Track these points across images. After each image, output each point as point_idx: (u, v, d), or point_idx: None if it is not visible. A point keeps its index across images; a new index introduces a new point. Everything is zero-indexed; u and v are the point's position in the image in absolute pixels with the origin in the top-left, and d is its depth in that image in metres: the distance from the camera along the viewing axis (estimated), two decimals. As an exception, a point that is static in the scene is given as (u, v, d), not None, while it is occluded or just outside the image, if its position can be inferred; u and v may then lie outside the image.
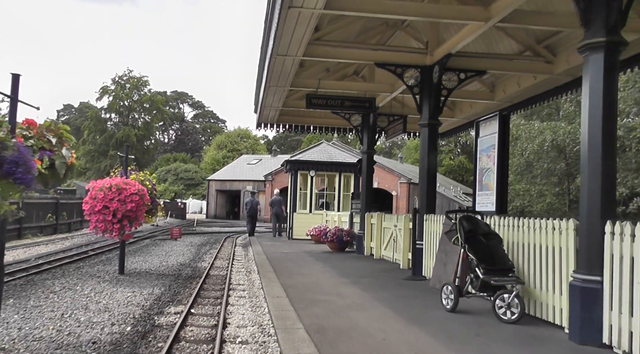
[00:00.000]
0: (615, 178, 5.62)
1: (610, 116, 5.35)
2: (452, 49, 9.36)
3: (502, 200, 8.31)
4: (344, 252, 15.29)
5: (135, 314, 6.61)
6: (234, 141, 76.58)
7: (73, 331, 5.67)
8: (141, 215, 9.52)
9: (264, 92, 13.07)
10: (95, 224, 9.17)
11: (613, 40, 5.22)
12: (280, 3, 7.46)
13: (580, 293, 5.29)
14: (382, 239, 13.57)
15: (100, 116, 76.59)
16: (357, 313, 6.45)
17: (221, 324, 6.01)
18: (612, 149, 5.43)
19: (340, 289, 8.18)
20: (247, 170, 52.51)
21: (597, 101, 5.30)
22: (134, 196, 9.21)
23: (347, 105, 13.18)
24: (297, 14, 7.86)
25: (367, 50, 10.57)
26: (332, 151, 23.81)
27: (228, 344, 5.35)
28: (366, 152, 15.05)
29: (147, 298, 7.79)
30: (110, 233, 9.29)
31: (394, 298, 7.56)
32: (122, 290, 8.32)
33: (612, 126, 5.44)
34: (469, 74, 10.10)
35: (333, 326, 5.68)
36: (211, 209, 51.03)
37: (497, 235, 6.86)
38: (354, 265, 11.82)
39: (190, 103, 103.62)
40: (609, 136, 5.33)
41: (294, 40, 9.13)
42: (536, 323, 6.07)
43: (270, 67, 10.75)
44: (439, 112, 10.08)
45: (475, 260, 6.46)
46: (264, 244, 17.37)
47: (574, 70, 9.63)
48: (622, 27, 5.31)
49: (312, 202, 21.30)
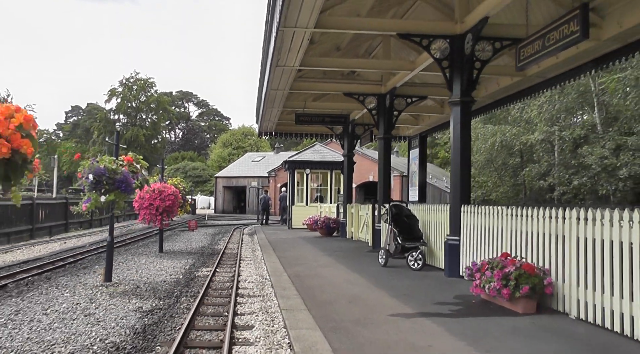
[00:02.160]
0: (468, 180, 9.27)
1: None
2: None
3: (422, 193, 11.89)
4: (331, 236, 18.93)
5: (182, 272, 10.35)
6: (239, 138, 79.77)
7: (149, 278, 9.40)
8: (176, 210, 13.26)
9: (263, 111, 16.74)
10: (144, 216, 12.89)
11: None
12: (270, 63, 11.11)
13: (449, 247, 8.95)
14: (358, 224, 17.25)
15: (109, 118, 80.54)
16: (323, 269, 10.11)
17: (237, 274, 9.71)
18: (467, 163, 9.07)
19: (317, 258, 11.86)
20: (252, 167, 56.14)
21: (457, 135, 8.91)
22: (170, 196, 12.92)
23: (327, 120, 16.89)
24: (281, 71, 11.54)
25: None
26: (324, 152, 27.45)
27: (242, 283, 9.05)
28: (347, 155, 18.72)
29: (185, 264, 11.52)
30: (154, 223, 13.03)
31: (351, 262, 11.22)
32: (166, 261, 12.06)
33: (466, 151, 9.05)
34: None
35: (305, 274, 9.34)
36: (219, 204, 54.84)
37: (414, 216, 10.53)
38: (334, 245, 15.48)
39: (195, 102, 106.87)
40: (464, 158, 8.95)
41: (282, 82, 12.79)
42: (430, 269, 9.75)
43: (266, 96, 14.40)
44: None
45: (397, 232, 10.12)
46: (267, 232, 21.07)
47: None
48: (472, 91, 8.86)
49: (308, 196, 24.99)
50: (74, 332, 5.45)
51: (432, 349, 4.66)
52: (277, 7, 8.21)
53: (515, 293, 6.03)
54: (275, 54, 10.39)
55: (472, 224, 8.54)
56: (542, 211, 6.53)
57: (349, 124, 18.03)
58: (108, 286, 8.31)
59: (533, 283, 6.00)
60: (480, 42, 8.78)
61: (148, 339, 5.31)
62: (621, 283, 5.15)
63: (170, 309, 6.78)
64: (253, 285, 8.87)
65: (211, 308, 6.95)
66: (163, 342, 5.23)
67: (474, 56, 8.82)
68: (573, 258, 5.90)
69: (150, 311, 6.62)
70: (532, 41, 7.45)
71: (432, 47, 9.14)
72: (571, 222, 5.95)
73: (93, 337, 5.26)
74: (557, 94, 17.23)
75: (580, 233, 5.79)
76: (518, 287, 6.00)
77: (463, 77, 8.91)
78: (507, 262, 6.37)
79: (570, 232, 5.95)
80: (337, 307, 6.35)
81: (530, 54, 7.45)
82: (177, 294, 7.92)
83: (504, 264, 6.32)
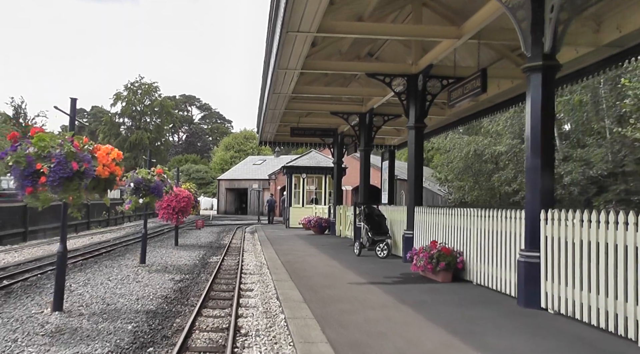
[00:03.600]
0: (421, 187, 11.90)
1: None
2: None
3: (391, 196, 14.50)
4: (323, 234, 21.54)
5: (197, 259, 12.99)
6: (240, 142, 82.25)
7: (173, 262, 12.04)
8: (189, 210, 15.89)
9: (263, 125, 19.39)
10: (163, 215, 15.52)
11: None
12: (267, 91, 13.75)
13: (406, 239, 11.57)
14: (345, 223, 19.86)
15: (114, 121, 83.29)
16: (309, 257, 12.72)
17: (241, 261, 12.34)
18: (420, 174, 11.70)
19: (306, 250, 14.47)
20: (253, 170, 58.74)
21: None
22: (184, 199, 15.56)
23: (318, 133, 19.56)
24: (277, 97, 14.19)
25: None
26: (319, 158, 30.04)
27: (245, 266, 11.67)
28: (336, 163, 21.37)
29: (198, 254, 14.16)
30: (171, 220, 15.66)
31: (333, 252, 13.82)
32: (183, 252, 14.69)
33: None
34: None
35: (294, 261, 11.94)
36: (221, 205, 57.47)
37: (383, 215, 13.15)
38: (323, 240, 18.09)
39: (198, 106, 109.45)
40: (418, 171, 11.58)
41: (278, 104, 15.44)
42: (394, 257, 12.36)
43: (266, 114, 17.05)
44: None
45: (368, 228, 12.74)
46: (267, 231, 23.70)
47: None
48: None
49: (304, 198, 27.61)
50: (134, 290, 8.10)
51: (368, 300, 7.26)
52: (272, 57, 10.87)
53: (436, 268, 8.65)
54: (271, 86, 13.07)
55: (421, 220, 11.16)
56: (458, 210, 9.17)
57: (337, 136, 20.68)
58: (144, 267, 10.96)
59: (448, 261, 8.63)
60: (431, 80, 11.37)
61: (184, 294, 7.95)
62: (497, 257, 7.77)
63: (195, 280, 9.43)
64: (253, 267, 11.51)
65: (223, 280, 9.59)
66: (194, 296, 7.87)
67: (425, 91, 11.43)
68: (474, 243, 8.53)
69: (180, 280, 9.28)
70: (457, 88, 10.10)
71: (393, 83, 11.81)
72: (472, 218, 8.57)
73: (148, 292, 7.91)
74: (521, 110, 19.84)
75: (478, 226, 8.42)
76: (438, 263, 8.63)
77: (417, 107, 11.48)
78: (433, 247, 9.00)
79: (472, 225, 8.58)
80: (313, 279, 8.97)
81: (455, 97, 10.11)
82: (197, 272, 10.57)
83: (431, 248, 8.95)
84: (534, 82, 6.72)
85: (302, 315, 6.11)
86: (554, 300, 6.36)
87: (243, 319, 6.45)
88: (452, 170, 27.19)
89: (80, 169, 5.69)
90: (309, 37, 9.37)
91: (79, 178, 5.71)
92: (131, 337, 5.53)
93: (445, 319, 5.96)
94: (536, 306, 6.55)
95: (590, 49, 9.96)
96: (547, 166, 6.72)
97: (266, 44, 11.52)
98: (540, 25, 6.62)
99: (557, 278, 6.29)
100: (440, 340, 5.12)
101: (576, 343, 5.09)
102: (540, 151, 6.69)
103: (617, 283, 5.32)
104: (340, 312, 6.28)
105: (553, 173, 7.05)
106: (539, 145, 6.69)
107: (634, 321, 5.08)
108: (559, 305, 6.26)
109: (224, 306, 7.27)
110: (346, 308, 6.51)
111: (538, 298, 6.55)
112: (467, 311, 6.45)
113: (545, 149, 6.71)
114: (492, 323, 5.85)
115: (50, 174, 5.48)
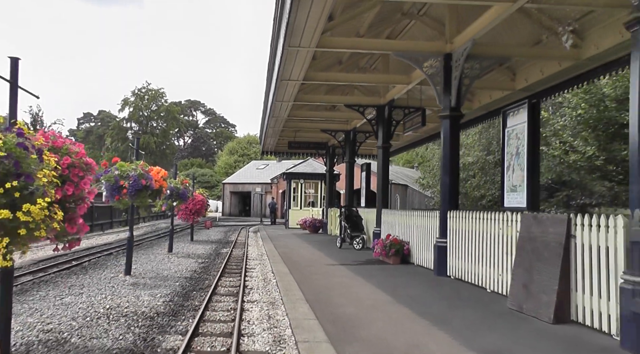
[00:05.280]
0: (387, 193, 15.17)
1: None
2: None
3: (367, 200, 17.74)
4: (317, 233, 24.77)
5: (210, 250, 16.29)
6: (244, 147, 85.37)
7: (193, 252, 15.32)
8: (203, 211, 19.18)
9: (264, 138, 22.69)
10: (181, 215, 18.80)
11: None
12: (268, 115, 17.05)
13: (375, 235, 14.80)
14: (335, 223, 23.10)
15: (121, 126, 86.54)
16: (301, 249, 15.98)
17: (246, 252, 15.61)
18: (386, 183, 14.97)
19: (299, 245, 17.73)
20: (256, 174, 62.04)
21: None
22: (199, 202, 18.84)
23: (312, 146, 22.87)
24: (275, 120, 17.49)
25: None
26: (315, 165, 33.31)
27: (249, 255, 14.93)
28: (328, 171, 24.68)
29: (211, 247, 17.44)
30: (188, 220, 18.96)
31: (320, 246, 17.07)
32: (198, 245, 17.97)
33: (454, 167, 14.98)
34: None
35: (289, 252, 15.19)
36: (226, 208, 60.81)
37: (360, 216, 16.41)
38: (315, 238, 21.35)
39: (202, 110, 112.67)
40: (385, 181, 14.85)
41: (276, 124, 18.73)
42: (367, 249, 15.57)
43: (266, 130, 20.33)
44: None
45: (347, 226, 15.99)
46: (268, 230, 27.00)
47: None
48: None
49: (302, 201, 30.87)
50: (171, 267, 11.41)
51: (334, 273, 10.49)
52: (271, 90, 14.14)
53: (388, 253, 11.91)
54: (271, 112, 16.38)
55: (385, 220, 14.42)
56: (405, 211, 12.46)
57: (328, 148, 23.98)
58: (171, 254, 14.26)
59: (397, 248, 11.88)
60: (395, 110, 14.73)
61: (206, 270, 11.28)
62: (426, 244, 11.02)
63: (212, 262, 12.74)
64: (256, 255, 14.79)
65: (234, 263, 12.88)
66: (214, 271, 11.18)
67: (391, 118, 14.78)
68: (415, 235, 11.78)
69: (202, 262, 12.59)
70: (407, 120, 13.40)
71: (366, 112, 15.20)
72: (413, 217, 11.83)
73: (181, 268, 11.23)
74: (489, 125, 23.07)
75: (416, 223, 11.67)
76: (390, 250, 11.88)
77: (384, 131, 14.81)
78: (387, 238, 12.26)
79: (413, 223, 11.83)
80: (300, 262, 12.22)
81: (407, 127, 13.43)
82: (213, 258, 13.88)
83: (386, 239, 12.21)
84: (444, 125, 9.99)
85: (288, 280, 9.36)
86: (454, 270, 9.61)
87: (248, 281, 9.74)
88: (432, 176, 30.50)
89: (147, 184, 8.98)
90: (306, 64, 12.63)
91: (145, 190, 9.01)
92: (180, 288, 8.85)
93: (380, 282, 9.20)
94: (444, 275, 9.80)
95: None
96: (453, 182, 9.98)
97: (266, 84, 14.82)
98: (448, 87, 9.89)
99: (456, 255, 9.55)
100: (370, 291, 8.36)
101: (461, 291, 8.33)
102: (450, 171, 9.95)
103: (486, 256, 8.57)
104: (313, 279, 9.52)
105: (457, 186, 10.28)
106: (448, 168, 9.96)
107: (487, 277, 8.33)
108: (457, 273, 9.51)
109: (235, 276, 10.54)
110: (317, 277, 9.76)
111: (445, 269, 9.80)
112: (397, 279, 9.70)
113: (452, 170, 9.97)
114: (411, 284, 9.09)
115: (129, 188, 8.77)
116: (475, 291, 8.32)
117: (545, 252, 6.25)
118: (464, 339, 5.28)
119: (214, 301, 7.88)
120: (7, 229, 4.00)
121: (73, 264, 11.82)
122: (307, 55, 10.40)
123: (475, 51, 9.49)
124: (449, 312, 6.68)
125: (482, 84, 12.82)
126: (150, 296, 7.95)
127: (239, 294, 8.19)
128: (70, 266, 11.55)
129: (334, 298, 7.49)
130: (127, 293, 8.19)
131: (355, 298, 7.58)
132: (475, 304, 7.22)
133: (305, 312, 6.53)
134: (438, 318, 6.21)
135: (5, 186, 3.92)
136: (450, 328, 5.73)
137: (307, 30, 8.80)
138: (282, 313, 6.84)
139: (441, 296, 8.01)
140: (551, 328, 5.80)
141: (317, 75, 12.79)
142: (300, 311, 6.61)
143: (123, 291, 8.31)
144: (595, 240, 5.64)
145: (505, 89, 12.94)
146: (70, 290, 8.38)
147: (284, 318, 6.56)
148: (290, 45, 9.55)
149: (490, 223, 8.30)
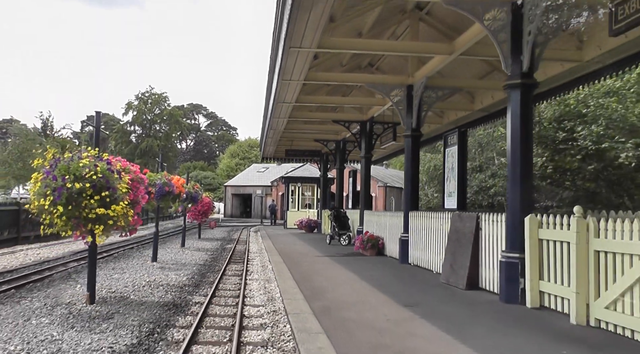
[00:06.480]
0: (369, 198, 17.62)
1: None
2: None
3: (355, 202, 20.18)
4: (312, 233, 27.19)
5: (216, 246, 18.76)
6: (245, 150, 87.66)
7: (202, 247, 17.79)
8: (209, 212, 21.67)
9: (264, 145, 25.16)
10: (191, 215, 21.27)
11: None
12: (267, 127, 19.51)
13: (358, 232, 17.25)
14: (327, 223, 25.54)
15: (125, 129, 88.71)
16: (295, 245, 18.41)
17: (247, 248, 18.06)
18: (368, 188, 17.44)
19: (295, 242, 20.18)
20: (257, 177, 64.43)
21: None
22: (207, 204, 21.31)
23: (307, 154, 25.35)
24: (272, 132, 19.98)
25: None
26: (312, 169, 35.77)
27: (251, 251, 17.38)
28: (322, 175, 27.16)
29: (216, 244, 19.92)
30: (197, 220, 21.44)
31: (313, 243, 19.51)
32: (205, 242, 20.44)
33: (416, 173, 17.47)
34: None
35: (285, 247, 17.64)
36: (228, 209, 63.22)
37: (347, 216, 18.87)
38: (309, 236, 23.80)
39: (204, 114, 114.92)
40: (367, 186, 17.31)
41: (274, 138, 21.20)
42: (352, 245, 18.01)
43: (266, 139, 22.80)
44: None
45: (335, 225, 18.45)
46: (268, 230, 29.46)
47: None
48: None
49: (299, 203, 33.33)
50: (186, 258, 13.89)
51: (319, 262, 12.93)
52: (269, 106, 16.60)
53: (366, 247, 14.36)
54: (270, 122, 18.86)
55: (367, 219, 16.87)
56: (381, 212, 14.92)
57: (322, 155, 26.46)
58: (184, 248, 16.73)
59: (373, 242, 14.33)
60: (376, 125, 17.22)
61: (215, 260, 13.78)
62: (394, 239, 13.46)
63: (220, 255, 15.23)
64: (256, 250, 17.26)
65: (237, 255, 15.35)
66: (222, 260, 13.65)
67: (372, 132, 17.28)
68: (387, 232, 14.22)
69: (211, 254, 15.08)
70: (385, 135, 15.87)
71: (351, 127, 17.66)
72: (385, 216, 14.28)
73: (195, 258, 13.74)
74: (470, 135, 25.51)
75: (388, 222, 14.11)
76: (367, 244, 14.33)
77: (366, 144, 17.31)
78: (365, 234, 14.71)
79: (386, 221, 14.28)
80: (293, 255, 14.65)
81: (383, 142, 15.90)
82: (220, 251, 16.35)
83: (365, 235, 14.66)
84: (407, 143, 12.43)
85: (281, 266, 11.80)
86: (414, 258, 12.06)
87: (250, 267, 12.22)
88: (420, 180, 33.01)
89: (169, 190, 11.47)
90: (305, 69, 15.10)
91: (168, 194, 11.49)
92: (197, 271, 11.34)
93: (354, 268, 11.62)
94: (407, 263, 12.25)
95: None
96: (414, 187, 12.43)
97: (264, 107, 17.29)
98: (410, 111, 12.31)
99: (415, 247, 11.99)
100: (343, 273, 10.79)
101: (415, 274, 10.77)
102: (411, 179, 12.39)
103: (433, 246, 11.01)
104: (301, 266, 11.97)
105: (417, 191, 12.72)
106: (409, 177, 12.40)
107: (434, 262, 10.78)
108: (416, 261, 11.96)
109: (239, 264, 13.01)
110: (305, 265, 12.20)
111: (407, 258, 12.25)
112: (368, 265, 12.14)
113: (413, 179, 12.41)
114: (378, 268, 11.52)
115: (156, 193, 11.25)
116: (426, 274, 10.76)
117: (463, 240, 8.71)
118: (397, 298, 7.72)
119: (224, 279, 10.37)
120: (102, 221, 6.49)
121: (104, 255, 14.30)
122: (299, 81, 12.73)
123: (430, 83, 11.95)
124: (396, 285, 9.12)
125: (447, 106, 15.27)
126: (176, 275, 10.47)
127: (243, 274, 10.66)
128: (102, 257, 14.03)
129: (314, 277, 9.93)
130: (159, 273, 10.72)
131: (330, 277, 10.03)
132: (419, 281, 9.66)
133: (291, 285, 8.98)
134: (386, 289, 8.64)
135: (101, 195, 6.40)
136: (391, 293, 8.17)
137: (295, 70, 11.25)
138: (274, 286, 9.30)
139: (396, 276, 10.45)
140: (463, 292, 8.25)
141: (306, 98, 15.27)
142: (288, 284, 9.06)
143: (155, 272, 10.84)
144: (491, 230, 8.10)
145: (467, 109, 15.37)
146: (114, 271, 10.89)
147: (276, 288, 9.03)
148: (283, 78, 12.02)
149: (435, 221, 10.75)
